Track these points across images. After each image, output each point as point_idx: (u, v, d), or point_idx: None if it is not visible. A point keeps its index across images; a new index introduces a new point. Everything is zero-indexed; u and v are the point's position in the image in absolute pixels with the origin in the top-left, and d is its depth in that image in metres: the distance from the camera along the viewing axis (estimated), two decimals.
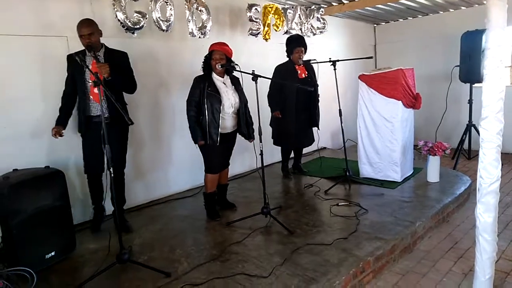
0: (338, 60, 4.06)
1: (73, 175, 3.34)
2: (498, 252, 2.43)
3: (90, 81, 2.89)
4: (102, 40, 3.01)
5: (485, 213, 2.19)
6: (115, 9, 3.30)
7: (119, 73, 2.97)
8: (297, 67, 4.25)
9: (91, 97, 2.96)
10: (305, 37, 4.51)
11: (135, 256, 2.71)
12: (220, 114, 3.18)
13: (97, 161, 3.08)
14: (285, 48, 4.33)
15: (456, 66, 5.23)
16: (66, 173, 2.86)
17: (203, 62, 3.29)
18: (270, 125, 4.43)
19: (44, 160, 3.04)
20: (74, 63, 2.80)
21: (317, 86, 4.30)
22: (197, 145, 3.27)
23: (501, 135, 2.10)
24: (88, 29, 2.86)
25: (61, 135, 2.92)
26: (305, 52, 4.28)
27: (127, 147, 3.26)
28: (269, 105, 4.31)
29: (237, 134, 3.49)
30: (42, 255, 2.59)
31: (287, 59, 4.32)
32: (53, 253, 2.65)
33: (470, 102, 5.29)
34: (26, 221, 2.49)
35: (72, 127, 3.13)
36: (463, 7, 5.93)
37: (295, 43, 4.22)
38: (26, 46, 3.04)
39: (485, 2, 5.60)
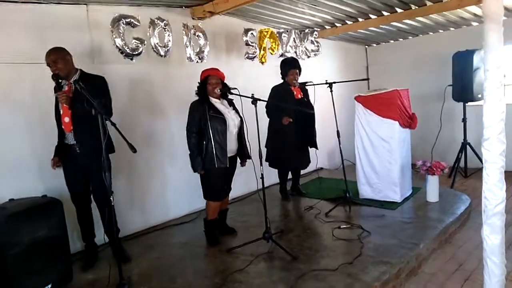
0: (334, 82, 4.11)
1: (71, 202, 3.26)
2: (505, 274, 2.40)
3: (61, 109, 2.83)
4: (103, 66, 3.00)
5: (492, 235, 2.17)
6: (114, 36, 3.32)
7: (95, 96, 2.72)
8: (292, 88, 4.29)
9: (62, 126, 2.87)
10: (300, 60, 4.57)
11: (134, 287, 2.63)
12: (227, 136, 3.15)
13: (81, 191, 3.00)
14: (280, 71, 4.38)
15: (449, 85, 5.32)
16: (64, 201, 2.79)
17: (197, 88, 3.28)
18: (266, 146, 4.41)
19: (42, 188, 2.97)
20: (56, 91, 2.82)
21: (313, 107, 4.34)
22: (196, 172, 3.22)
23: (504, 156, 2.10)
24: (52, 57, 2.76)
25: (58, 166, 2.89)
26: (300, 74, 4.33)
27: (114, 175, 3.11)
28: (272, 119, 4.28)
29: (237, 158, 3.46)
30: None
31: (282, 81, 4.37)
32: (49, 286, 2.56)
33: (464, 120, 5.36)
34: (22, 253, 2.42)
35: None
36: (452, 28, 6.09)
37: (290, 66, 4.28)
38: (25, 73, 3.03)
39: (473, 23, 5.76)
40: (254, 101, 3.04)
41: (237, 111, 3.36)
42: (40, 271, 2.51)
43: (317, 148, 4.49)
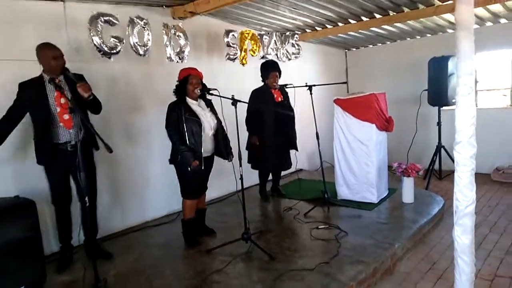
0: (314, 85, 4.16)
1: (45, 203, 3.17)
2: (475, 272, 2.49)
3: (58, 108, 2.76)
4: (80, 64, 2.96)
5: (463, 235, 2.25)
6: (91, 34, 3.27)
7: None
8: (273, 91, 4.32)
9: (60, 124, 2.79)
10: (280, 62, 4.62)
11: None
12: (202, 138, 3.15)
13: (66, 191, 2.96)
14: (260, 73, 4.40)
15: (424, 90, 5.47)
16: (38, 201, 2.71)
17: (176, 87, 3.25)
18: (246, 149, 4.41)
19: (14, 189, 2.88)
20: (30, 90, 2.72)
21: (293, 109, 4.38)
22: (176, 169, 3.22)
23: (474, 159, 2.18)
24: (58, 51, 2.78)
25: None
26: (280, 76, 4.37)
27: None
28: (247, 130, 4.32)
29: (214, 157, 3.46)
30: None
31: (262, 84, 4.39)
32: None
33: (439, 124, 5.52)
34: None
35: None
36: (428, 35, 6.27)
37: (270, 68, 4.31)
38: (1, 70, 2.95)
39: (448, 30, 5.94)
40: (234, 102, 3.05)
41: (214, 112, 3.35)
42: (11, 274, 2.43)
43: (297, 150, 4.54)
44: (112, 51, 3.42)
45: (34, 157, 2.87)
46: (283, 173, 5.01)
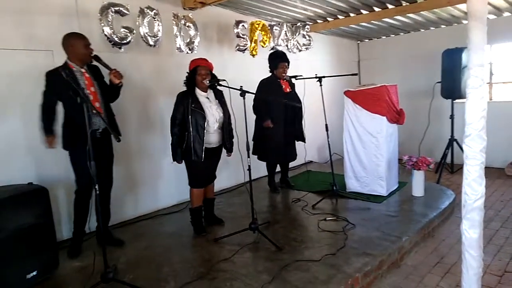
0: (324, 77, 4.13)
1: (58, 190, 3.26)
2: (484, 267, 2.47)
3: (91, 96, 2.84)
4: (98, 55, 2.99)
5: (471, 229, 2.22)
6: (102, 24, 3.30)
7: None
8: (281, 81, 4.31)
9: (93, 111, 2.74)
10: (291, 53, 4.58)
11: (120, 275, 2.65)
12: (205, 131, 3.18)
13: (91, 178, 2.99)
14: (268, 64, 4.38)
15: (437, 82, 5.38)
16: (51, 189, 2.78)
17: (186, 78, 3.29)
18: (253, 139, 4.36)
19: (29, 176, 2.94)
20: (61, 78, 2.70)
21: (300, 101, 4.36)
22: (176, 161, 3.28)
23: (484, 152, 2.15)
24: (88, 39, 2.89)
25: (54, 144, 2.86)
26: (288, 67, 4.34)
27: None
28: (257, 117, 4.31)
29: (222, 148, 3.48)
30: (23, 275, 2.49)
31: (270, 74, 4.37)
32: (34, 273, 2.55)
33: (452, 117, 5.43)
34: (6, 240, 2.40)
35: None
36: (443, 26, 6.14)
37: (280, 59, 4.29)
38: (13, 59, 3.00)
39: (463, 21, 5.82)
40: (243, 93, 3.05)
41: (223, 104, 3.36)
42: (24, 259, 2.51)
43: (304, 142, 4.53)
44: (122, 42, 3.45)
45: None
46: (292, 164, 5.00)
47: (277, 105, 4.17)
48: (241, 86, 3.07)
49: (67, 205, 3.30)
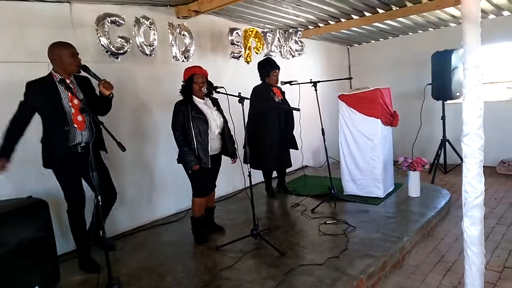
0: (319, 81, 4.18)
1: (58, 203, 3.20)
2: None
3: (72, 108, 2.73)
4: (88, 65, 2.94)
5: (472, 226, 2.27)
6: (98, 35, 3.29)
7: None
8: (274, 89, 4.34)
9: (74, 125, 2.74)
10: (284, 59, 4.61)
11: (124, 287, 2.62)
12: (209, 137, 3.17)
13: (80, 195, 2.91)
14: (258, 72, 4.40)
15: (428, 84, 5.48)
16: (51, 201, 2.74)
17: (182, 86, 3.26)
18: (243, 147, 4.01)
19: (27, 189, 2.89)
20: (41, 90, 2.66)
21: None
22: (185, 168, 3.24)
23: (482, 150, 2.20)
24: (75, 48, 2.78)
25: (4, 169, 2.68)
26: (279, 73, 4.37)
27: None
28: (259, 124, 4.26)
29: (222, 155, 3.48)
30: None
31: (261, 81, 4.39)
32: (36, 287, 2.52)
33: (443, 118, 5.53)
34: (7, 255, 2.36)
35: None
36: (431, 29, 6.26)
37: (272, 66, 4.31)
38: (7, 72, 2.97)
39: (451, 24, 5.93)
40: (241, 99, 3.07)
41: (221, 111, 3.37)
42: (26, 273, 2.46)
43: (297, 149, 4.56)
44: (119, 51, 3.44)
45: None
46: (288, 169, 5.01)
47: (272, 112, 4.19)
48: (239, 93, 3.09)
49: (67, 218, 3.25)
